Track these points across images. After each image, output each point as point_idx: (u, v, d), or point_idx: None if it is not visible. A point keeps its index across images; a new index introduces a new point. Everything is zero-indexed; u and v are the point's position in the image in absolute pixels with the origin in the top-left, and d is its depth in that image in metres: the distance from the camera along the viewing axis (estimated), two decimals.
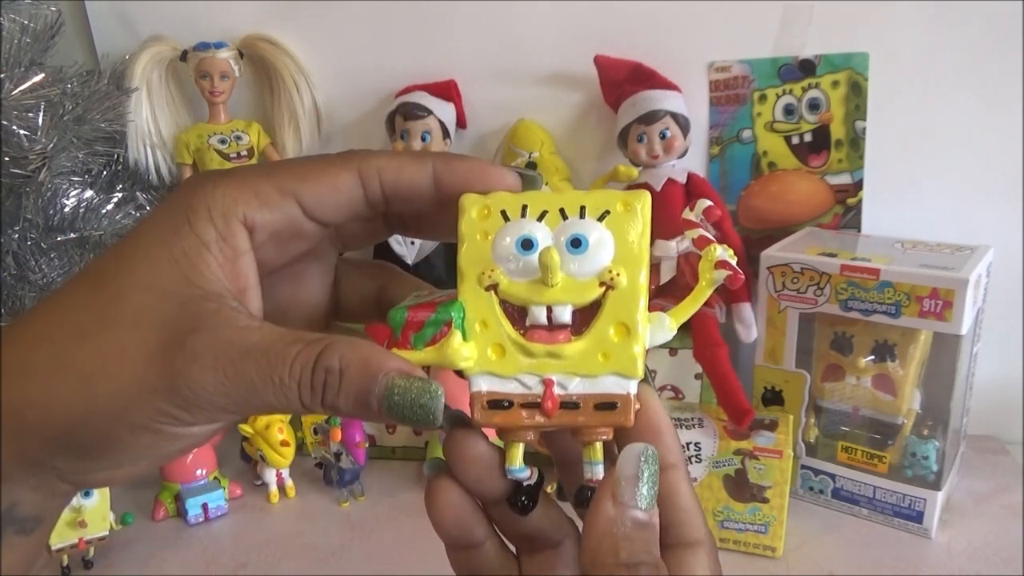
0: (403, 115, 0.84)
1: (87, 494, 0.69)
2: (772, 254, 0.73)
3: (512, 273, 0.27)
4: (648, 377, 0.28)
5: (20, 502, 0.26)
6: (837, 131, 0.82)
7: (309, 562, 0.71)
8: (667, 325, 0.27)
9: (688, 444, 0.68)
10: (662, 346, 0.78)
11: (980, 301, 0.70)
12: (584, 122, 0.87)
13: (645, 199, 0.28)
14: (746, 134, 0.84)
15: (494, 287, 0.27)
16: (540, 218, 0.27)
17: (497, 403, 0.27)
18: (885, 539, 0.71)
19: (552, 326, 0.27)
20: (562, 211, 0.27)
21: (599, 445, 0.28)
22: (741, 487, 0.68)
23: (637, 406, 0.27)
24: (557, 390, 0.27)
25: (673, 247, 0.79)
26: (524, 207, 0.27)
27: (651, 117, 0.79)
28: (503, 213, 0.28)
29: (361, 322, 0.33)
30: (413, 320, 0.27)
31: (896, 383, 0.72)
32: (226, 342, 0.24)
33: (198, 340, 0.24)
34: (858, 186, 0.83)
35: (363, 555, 0.71)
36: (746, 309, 0.79)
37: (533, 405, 0.27)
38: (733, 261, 0.27)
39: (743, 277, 0.27)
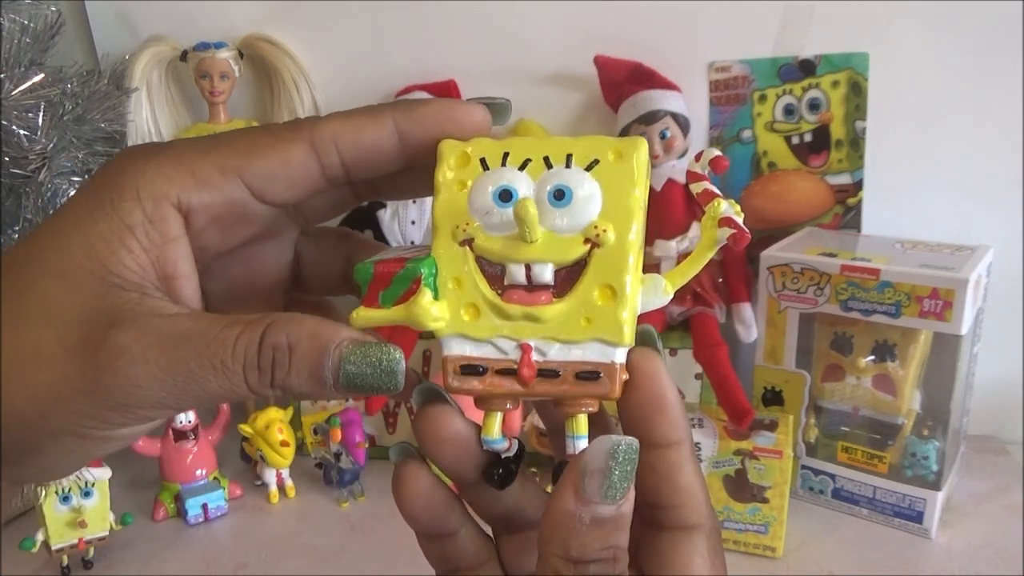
0: None
1: (87, 494, 0.69)
2: (772, 254, 0.73)
3: (489, 227, 0.25)
4: (655, 343, 0.25)
5: None
6: (837, 131, 0.82)
7: (309, 562, 0.71)
8: (662, 288, 0.25)
9: None
10: (666, 346, 0.78)
11: (980, 301, 0.70)
12: (584, 122, 0.87)
13: (641, 146, 0.24)
14: (746, 134, 0.84)
15: (469, 242, 0.25)
16: (522, 167, 0.25)
17: (471, 368, 0.25)
18: (885, 539, 0.71)
19: (532, 286, 0.24)
20: (546, 159, 0.25)
21: (583, 418, 0.25)
22: (741, 487, 0.68)
23: (625, 376, 0.25)
24: (535, 356, 0.24)
25: (673, 247, 0.79)
26: (506, 154, 0.25)
27: (651, 117, 0.79)
28: (482, 161, 0.25)
29: (329, 295, 0.31)
30: (381, 274, 0.25)
31: (896, 383, 0.72)
32: (155, 332, 0.22)
33: (122, 333, 0.22)
34: (858, 186, 0.83)
35: (363, 555, 0.71)
36: (746, 309, 0.79)
37: (510, 372, 0.24)
38: (739, 219, 0.24)
39: (749, 236, 0.24)
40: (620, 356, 0.24)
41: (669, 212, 0.80)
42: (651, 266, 0.81)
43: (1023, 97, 0.78)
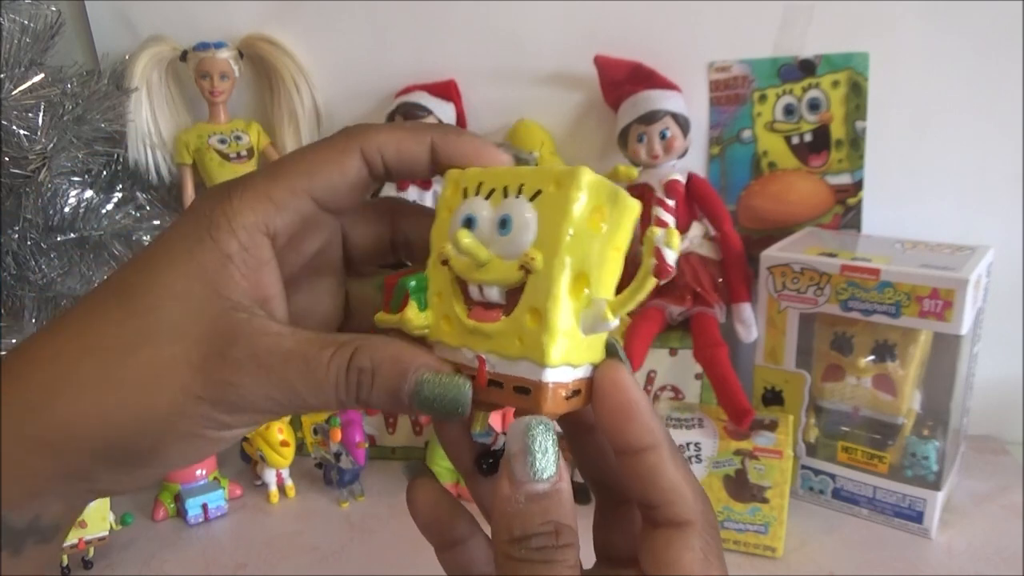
0: (403, 115, 0.84)
1: None
2: (772, 254, 0.73)
3: (458, 251, 0.27)
4: (616, 353, 0.27)
5: (43, 514, 0.27)
6: (837, 131, 0.82)
7: (309, 562, 0.71)
8: (602, 313, 0.25)
9: (688, 444, 0.68)
10: (666, 346, 0.78)
11: (980, 301, 0.70)
12: (584, 122, 0.87)
13: (579, 177, 0.25)
14: (746, 134, 0.84)
15: (446, 262, 0.27)
16: (488, 196, 0.27)
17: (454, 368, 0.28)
18: (885, 539, 0.71)
19: (490, 304, 0.27)
20: (506, 189, 0.27)
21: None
22: (741, 487, 0.68)
23: (564, 393, 0.26)
24: (488, 367, 0.27)
25: None
26: (480, 184, 0.27)
27: (651, 117, 0.79)
28: (464, 191, 0.28)
29: (385, 264, 0.34)
30: (388, 286, 0.29)
31: (896, 383, 0.72)
32: (265, 350, 0.26)
33: (238, 350, 0.26)
34: (858, 186, 0.83)
35: (363, 555, 0.71)
36: (746, 309, 0.79)
37: (473, 377, 0.27)
38: (670, 251, 0.25)
39: (669, 270, 0.25)
40: (549, 375, 0.25)
41: None
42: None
43: (1023, 97, 0.78)
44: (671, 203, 0.23)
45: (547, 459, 0.25)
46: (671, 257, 0.25)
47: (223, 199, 0.27)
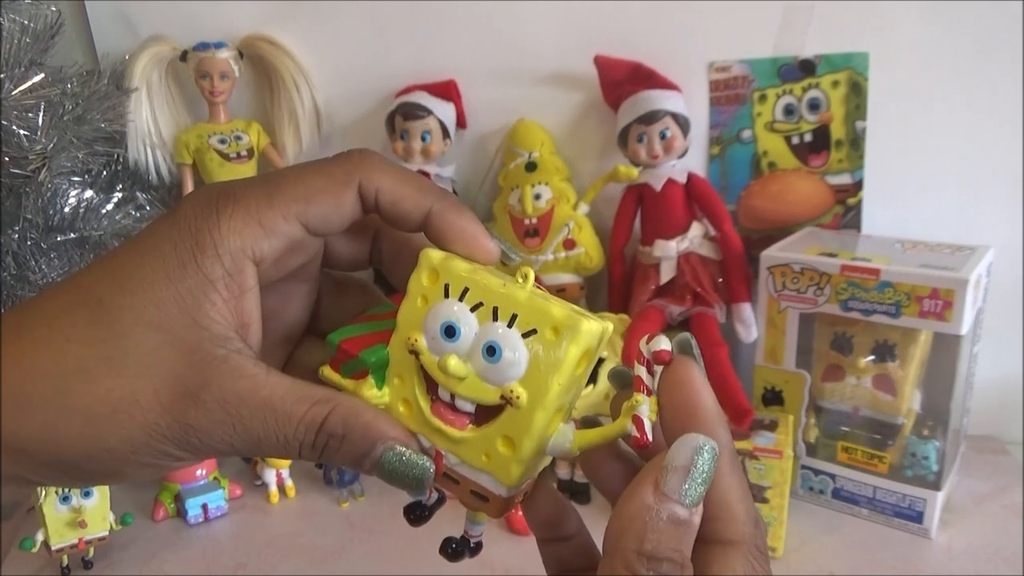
0: (403, 115, 0.84)
1: (87, 494, 0.69)
2: (772, 254, 0.73)
3: (432, 349, 0.28)
4: (690, 350, 0.26)
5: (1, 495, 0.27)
6: (837, 131, 0.82)
7: (309, 562, 0.71)
8: (569, 443, 0.27)
9: None
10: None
11: (980, 301, 0.70)
12: (584, 122, 0.87)
13: (578, 334, 0.25)
14: (746, 134, 0.84)
15: (415, 353, 0.28)
16: (474, 308, 0.27)
17: None
18: (885, 539, 0.71)
19: (455, 408, 0.28)
20: (495, 311, 0.26)
21: (482, 514, 0.29)
22: None
23: (519, 499, 0.28)
24: (447, 464, 0.28)
25: (673, 247, 0.79)
26: (466, 290, 0.27)
27: (651, 117, 0.79)
28: (446, 288, 0.27)
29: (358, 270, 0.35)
30: (343, 352, 0.29)
31: (896, 383, 0.71)
32: (236, 397, 0.25)
33: (208, 393, 0.25)
34: (858, 186, 0.83)
35: (363, 555, 0.71)
36: (746, 309, 0.79)
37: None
38: (648, 422, 0.25)
39: (647, 443, 0.25)
40: (508, 491, 0.27)
41: (669, 212, 0.80)
42: (651, 266, 0.81)
43: (1023, 97, 0.78)
44: (657, 370, 0.24)
45: (703, 486, 0.24)
46: (649, 429, 0.25)
47: (210, 219, 0.26)
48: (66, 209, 0.77)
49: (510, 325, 0.26)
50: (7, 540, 0.29)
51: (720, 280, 0.80)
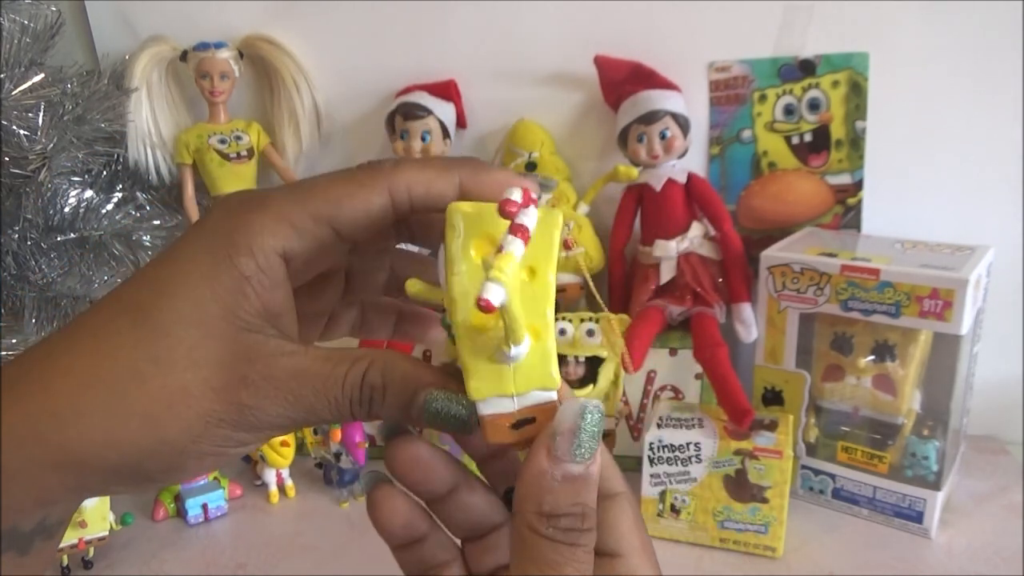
0: (403, 115, 0.84)
1: None
2: (772, 254, 0.73)
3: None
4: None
5: (50, 515, 0.28)
6: (837, 131, 0.82)
7: (309, 562, 0.71)
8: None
9: (688, 444, 0.68)
10: (666, 346, 0.78)
11: (980, 301, 0.70)
12: (584, 122, 0.87)
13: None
14: (746, 134, 0.84)
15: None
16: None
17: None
18: (885, 539, 0.71)
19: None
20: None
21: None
22: (741, 487, 0.68)
23: (507, 423, 0.27)
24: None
25: (673, 247, 0.79)
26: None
27: (651, 117, 0.79)
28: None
29: (372, 298, 0.36)
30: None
31: (896, 383, 0.72)
32: (281, 370, 0.27)
33: (255, 372, 0.26)
34: (858, 186, 0.83)
35: (363, 555, 0.71)
36: (746, 309, 0.79)
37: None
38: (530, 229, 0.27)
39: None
40: (482, 408, 0.27)
41: (669, 212, 0.80)
42: (651, 266, 0.81)
43: (1023, 97, 0.78)
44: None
45: (593, 444, 0.26)
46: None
47: (242, 220, 0.27)
48: (66, 209, 0.77)
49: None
50: (48, 560, 0.29)
51: (720, 280, 0.80)
